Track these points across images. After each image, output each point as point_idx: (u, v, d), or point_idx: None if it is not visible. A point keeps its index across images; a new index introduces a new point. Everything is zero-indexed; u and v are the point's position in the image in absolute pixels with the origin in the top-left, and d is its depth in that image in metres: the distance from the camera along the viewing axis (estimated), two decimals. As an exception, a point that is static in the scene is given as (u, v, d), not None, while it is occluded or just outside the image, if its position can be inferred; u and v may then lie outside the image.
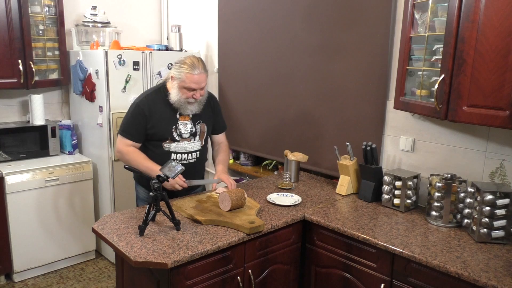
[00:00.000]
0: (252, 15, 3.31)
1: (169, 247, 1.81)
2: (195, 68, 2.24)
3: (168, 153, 2.36)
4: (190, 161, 2.41)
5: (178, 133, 2.36)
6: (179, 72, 2.25)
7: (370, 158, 2.46)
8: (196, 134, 2.42)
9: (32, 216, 3.17)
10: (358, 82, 2.68)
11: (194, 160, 2.43)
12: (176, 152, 2.37)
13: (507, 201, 1.90)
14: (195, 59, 2.28)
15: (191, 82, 2.24)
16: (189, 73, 2.23)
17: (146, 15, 4.14)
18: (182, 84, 2.25)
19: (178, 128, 2.36)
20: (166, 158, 2.33)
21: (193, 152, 2.42)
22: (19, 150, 3.28)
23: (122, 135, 2.33)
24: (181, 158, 2.38)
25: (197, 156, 2.44)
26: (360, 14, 2.62)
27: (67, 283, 3.22)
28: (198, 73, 2.24)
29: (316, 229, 2.23)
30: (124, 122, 2.35)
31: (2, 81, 3.12)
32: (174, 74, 2.28)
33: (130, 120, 2.33)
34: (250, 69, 3.39)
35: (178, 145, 2.36)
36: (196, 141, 2.42)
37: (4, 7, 3.04)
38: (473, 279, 1.64)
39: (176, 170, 2.09)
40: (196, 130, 2.42)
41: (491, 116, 1.79)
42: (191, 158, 2.42)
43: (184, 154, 2.39)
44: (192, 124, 2.40)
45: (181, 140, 2.37)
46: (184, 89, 2.26)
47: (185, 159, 2.39)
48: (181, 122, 2.36)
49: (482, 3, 1.76)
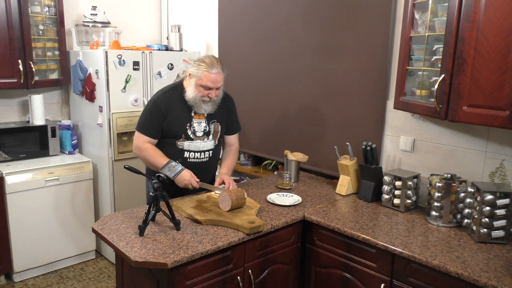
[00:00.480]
0: (252, 15, 3.31)
1: (169, 247, 1.80)
2: (213, 67, 2.27)
3: (182, 151, 2.38)
4: (203, 160, 2.43)
5: (192, 131, 2.38)
6: (198, 70, 2.28)
7: (370, 158, 2.46)
8: (210, 133, 2.44)
9: (32, 216, 3.17)
10: (358, 82, 2.68)
11: (207, 159, 2.45)
12: (189, 151, 2.38)
13: (507, 201, 1.90)
14: (214, 59, 2.31)
15: (208, 81, 2.27)
16: (207, 71, 2.26)
17: (146, 15, 4.14)
18: (199, 82, 2.28)
19: (193, 126, 2.38)
20: (179, 156, 2.36)
21: (206, 151, 2.43)
22: (19, 150, 3.28)
23: (140, 131, 2.36)
24: (194, 157, 2.40)
25: (209, 156, 2.45)
26: (360, 14, 2.62)
27: (67, 283, 3.22)
28: (216, 73, 2.27)
29: (316, 229, 2.23)
30: (141, 119, 2.38)
31: (2, 81, 3.12)
32: (192, 71, 2.32)
33: (148, 117, 2.35)
34: (250, 69, 3.39)
35: (191, 143, 2.38)
36: (210, 140, 2.44)
37: (4, 7, 3.04)
38: (473, 279, 1.64)
39: (176, 170, 2.10)
40: (210, 129, 2.44)
41: (491, 116, 1.79)
42: (204, 157, 2.43)
43: (197, 153, 2.40)
44: (206, 123, 2.42)
45: (195, 139, 2.39)
46: (201, 87, 2.29)
47: (197, 157, 2.41)
48: (195, 121, 2.39)
49: (482, 3, 1.76)
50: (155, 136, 2.37)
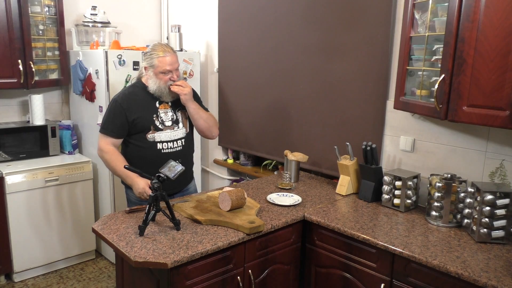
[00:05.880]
0: (252, 16, 3.31)
1: (169, 247, 1.81)
2: (164, 51, 2.30)
3: (154, 143, 2.35)
4: (177, 149, 2.41)
5: (160, 121, 2.36)
6: (150, 59, 2.31)
7: (370, 158, 2.46)
8: (179, 121, 2.43)
9: (32, 216, 3.17)
10: (358, 82, 2.68)
11: (181, 148, 2.42)
12: (161, 141, 2.36)
13: (507, 201, 1.90)
14: (161, 44, 2.34)
15: (165, 65, 2.29)
16: (160, 56, 2.29)
17: (146, 15, 4.14)
18: (157, 70, 2.30)
19: (160, 116, 2.37)
20: (152, 149, 2.34)
21: (178, 139, 2.42)
22: (19, 150, 3.28)
23: (102, 132, 2.35)
24: (167, 147, 2.37)
25: (182, 144, 2.43)
26: (360, 14, 2.62)
27: (67, 283, 3.22)
28: (169, 55, 2.30)
29: (316, 229, 2.23)
30: (103, 119, 2.37)
31: (2, 81, 3.12)
32: (146, 64, 2.34)
33: (110, 116, 2.34)
34: (250, 69, 3.39)
35: (161, 133, 2.36)
36: (180, 128, 2.43)
37: (4, 7, 3.04)
38: (473, 279, 1.64)
39: (176, 170, 2.08)
40: (177, 117, 2.43)
41: (491, 116, 1.79)
42: (178, 146, 2.41)
43: (170, 142, 2.38)
44: (173, 112, 2.42)
45: (164, 129, 2.37)
46: (161, 74, 2.30)
47: (171, 147, 2.39)
48: (161, 111, 2.38)
49: (482, 3, 1.76)
50: (118, 135, 2.34)
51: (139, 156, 2.34)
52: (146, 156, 2.32)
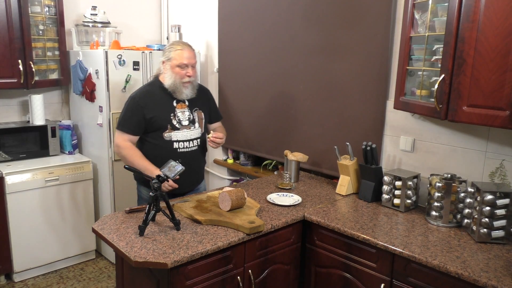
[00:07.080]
0: (252, 16, 3.31)
1: (169, 247, 1.81)
2: (183, 46, 2.36)
3: (170, 142, 2.38)
4: (192, 149, 2.45)
5: (177, 120, 2.39)
6: (168, 53, 2.36)
7: (370, 158, 2.46)
8: (195, 121, 2.46)
9: (32, 216, 3.17)
10: (358, 82, 2.68)
11: (196, 148, 2.47)
12: (177, 141, 2.39)
13: (507, 201, 1.90)
14: (180, 41, 2.41)
15: (182, 58, 2.33)
16: (178, 50, 2.34)
17: (146, 15, 4.14)
18: (174, 63, 2.33)
19: (177, 115, 2.40)
20: (168, 148, 2.37)
21: (194, 139, 2.46)
22: (19, 150, 3.28)
23: (119, 129, 2.37)
24: (183, 146, 2.41)
25: (198, 144, 2.48)
26: (360, 14, 2.62)
27: (67, 283, 3.22)
28: (186, 49, 2.35)
29: (316, 229, 2.23)
30: (120, 116, 2.39)
31: (2, 81, 3.12)
32: (163, 59, 2.38)
33: (127, 114, 2.36)
34: (250, 69, 3.39)
35: (178, 133, 2.39)
36: (196, 128, 2.47)
37: (4, 7, 3.04)
38: (473, 279, 1.64)
39: (176, 170, 2.09)
40: (194, 117, 2.46)
41: (491, 116, 1.79)
42: (193, 145, 2.46)
43: (186, 142, 2.42)
44: (190, 111, 2.45)
45: (181, 128, 2.40)
46: (177, 67, 2.33)
47: (187, 146, 2.42)
48: (178, 110, 2.41)
49: (482, 3, 1.76)
50: (135, 133, 2.37)
51: (154, 155, 2.36)
52: (161, 154, 2.34)
